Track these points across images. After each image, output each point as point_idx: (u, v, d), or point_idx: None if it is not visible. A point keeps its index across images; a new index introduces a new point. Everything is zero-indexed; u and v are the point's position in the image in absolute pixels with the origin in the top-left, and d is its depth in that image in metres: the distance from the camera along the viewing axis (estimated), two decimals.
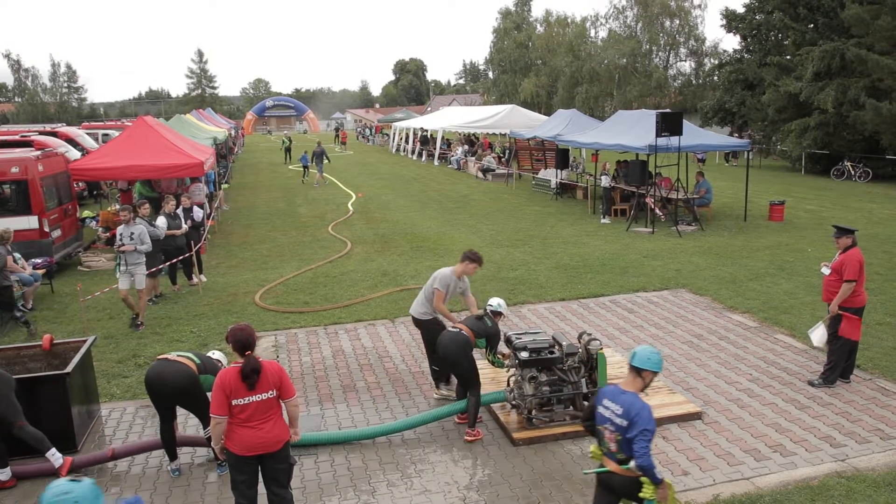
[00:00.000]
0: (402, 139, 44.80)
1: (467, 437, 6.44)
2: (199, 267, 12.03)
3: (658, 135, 15.41)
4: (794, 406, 6.97)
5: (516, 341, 6.55)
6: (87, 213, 17.47)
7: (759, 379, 7.64)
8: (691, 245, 14.53)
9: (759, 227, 16.48)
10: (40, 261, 11.77)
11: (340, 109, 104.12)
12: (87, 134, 28.13)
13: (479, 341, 6.58)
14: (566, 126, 22.31)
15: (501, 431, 6.60)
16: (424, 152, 38.58)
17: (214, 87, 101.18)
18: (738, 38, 36.18)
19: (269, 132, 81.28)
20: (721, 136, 21.91)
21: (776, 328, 9.30)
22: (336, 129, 62.87)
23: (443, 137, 37.42)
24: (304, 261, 13.80)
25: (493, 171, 28.76)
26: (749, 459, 5.97)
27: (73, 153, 20.49)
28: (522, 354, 6.42)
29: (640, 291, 11.15)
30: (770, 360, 8.17)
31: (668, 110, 17.82)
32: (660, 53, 53.86)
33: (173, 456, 5.99)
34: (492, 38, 69.11)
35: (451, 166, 33.94)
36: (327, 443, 6.37)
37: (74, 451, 6.31)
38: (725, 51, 45.65)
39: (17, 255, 10.62)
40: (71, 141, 23.81)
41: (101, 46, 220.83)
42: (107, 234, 14.52)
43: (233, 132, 41.04)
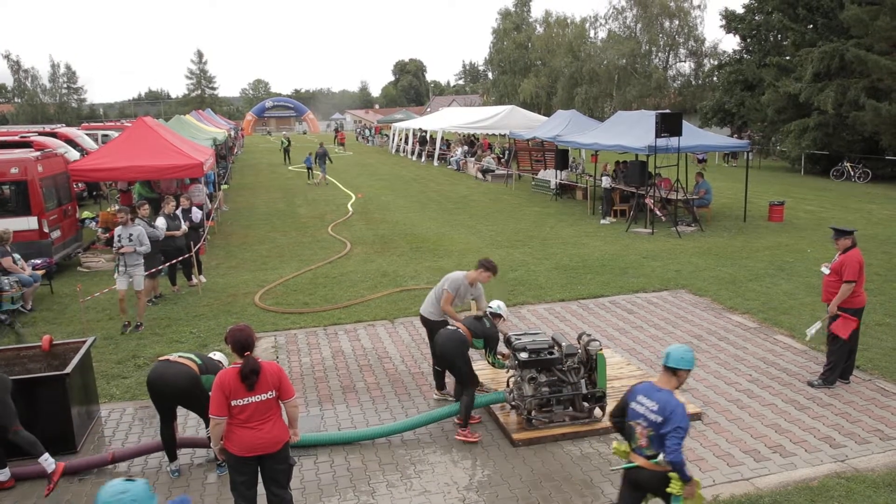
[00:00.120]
0: (401, 140, 44.83)
1: (458, 437, 6.43)
2: (199, 268, 12.02)
3: (657, 135, 15.42)
4: (793, 407, 6.97)
5: (516, 342, 6.55)
6: (86, 214, 17.46)
7: (759, 380, 7.65)
8: (691, 246, 14.53)
9: (759, 228, 16.49)
10: (40, 261, 11.76)
11: (340, 110, 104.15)
12: (87, 135, 28.14)
13: (477, 341, 6.59)
14: (566, 127, 22.32)
15: (501, 432, 6.60)
16: (423, 153, 38.60)
17: (214, 88, 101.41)
18: (737, 38, 36.30)
19: (269, 133, 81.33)
20: (720, 137, 21.92)
21: (776, 329, 9.30)
22: (335, 130, 62.89)
23: (442, 138, 37.43)
24: (303, 261, 13.80)
25: (493, 171, 28.76)
26: (749, 460, 5.97)
27: (73, 154, 20.50)
28: (522, 355, 6.42)
29: (639, 292, 11.16)
30: (769, 361, 8.17)
31: (667, 111, 17.80)
32: (659, 54, 53.90)
33: (173, 457, 5.99)
34: (491, 39, 69.38)
35: (450, 167, 33.94)
36: (327, 443, 6.37)
37: (74, 451, 6.32)
38: (725, 51, 45.94)
39: (16, 256, 10.61)
40: (70, 142, 23.81)
41: (100, 47, 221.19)
42: (106, 234, 14.50)
43: (232, 133, 41.02)
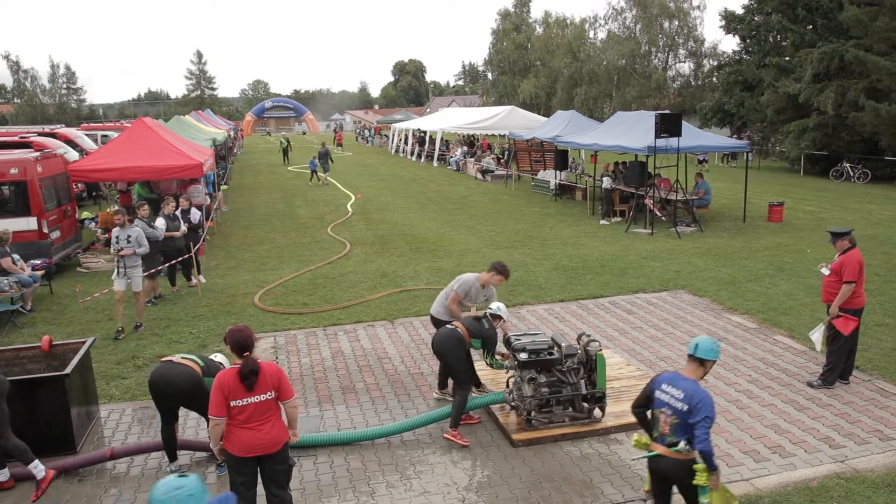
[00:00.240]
0: (401, 140, 44.85)
1: (446, 435, 6.41)
2: (198, 268, 12.02)
3: (657, 136, 15.43)
4: (793, 407, 6.97)
5: (515, 343, 6.55)
6: (86, 215, 17.46)
7: (758, 380, 7.65)
8: (690, 246, 14.54)
9: (759, 228, 16.50)
10: (39, 262, 11.75)
11: (339, 110, 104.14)
12: (86, 135, 28.14)
13: (474, 341, 6.57)
14: (565, 127, 22.32)
15: (500, 433, 6.60)
16: (423, 153, 38.59)
17: (213, 89, 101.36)
18: (736, 39, 36.31)
19: (268, 133, 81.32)
20: (720, 137, 21.90)
21: (775, 329, 9.31)
22: (335, 131, 62.90)
23: (442, 139, 37.44)
24: (303, 262, 13.80)
25: (493, 172, 28.77)
26: (748, 460, 5.97)
27: (72, 154, 20.50)
28: (521, 356, 6.42)
29: (639, 293, 11.16)
30: (769, 362, 8.17)
31: (667, 111, 17.82)
32: (659, 55, 53.91)
33: (173, 457, 6.00)
34: (491, 40, 69.38)
35: (450, 167, 33.94)
36: (326, 444, 6.37)
37: (74, 452, 6.31)
38: (724, 52, 45.96)
39: (15, 257, 10.61)
40: (70, 142, 23.80)
41: (100, 47, 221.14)
42: (105, 235, 14.49)
43: (232, 133, 41.03)
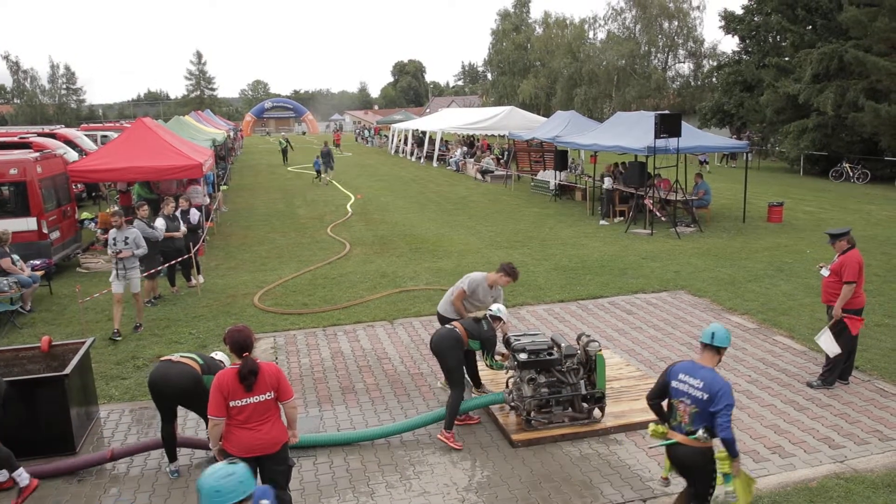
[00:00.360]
0: (400, 141, 44.85)
1: (440, 437, 6.38)
2: (198, 269, 12.02)
3: (657, 136, 15.43)
4: (792, 407, 6.97)
5: (515, 343, 6.55)
6: (85, 215, 17.45)
7: (758, 380, 7.65)
8: (690, 246, 14.54)
9: (758, 229, 16.50)
10: (39, 262, 11.74)
11: (339, 111, 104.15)
12: (86, 135, 28.13)
13: (473, 342, 6.56)
14: (565, 127, 22.32)
15: (500, 433, 6.60)
16: (423, 154, 38.57)
17: (213, 89, 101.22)
18: (736, 39, 36.32)
19: (268, 134, 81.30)
20: (719, 138, 21.89)
21: (775, 329, 9.31)
22: (335, 131, 62.92)
23: (442, 139, 37.44)
24: (302, 262, 13.80)
25: (492, 172, 28.77)
26: (748, 461, 5.96)
27: (72, 155, 20.50)
28: (521, 356, 6.42)
29: (638, 293, 11.16)
30: (769, 362, 8.17)
31: (666, 112, 17.82)
32: (658, 55, 53.90)
33: (173, 457, 5.99)
34: (490, 40, 69.36)
35: (449, 168, 33.94)
36: (326, 444, 6.37)
37: (73, 452, 6.31)
38: (724, 52, 45.98)
39: (15, 257, 10.60)
40: (69, 142, 23.80)
41: (100, 47, 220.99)
42: (105, 235, 14.49)
43: (232, 134, 41.03)
